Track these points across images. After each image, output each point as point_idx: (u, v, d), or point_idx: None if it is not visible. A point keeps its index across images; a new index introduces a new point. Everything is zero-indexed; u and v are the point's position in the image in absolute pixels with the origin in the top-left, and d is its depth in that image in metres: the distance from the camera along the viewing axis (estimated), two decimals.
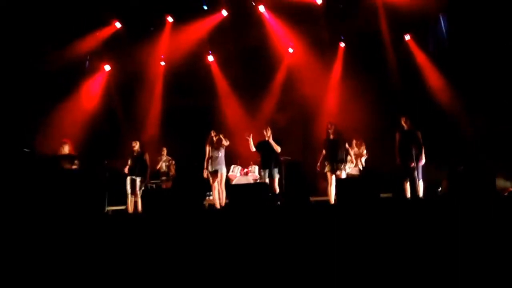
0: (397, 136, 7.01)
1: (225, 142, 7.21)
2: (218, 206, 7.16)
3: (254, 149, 7.31)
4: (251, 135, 7.29)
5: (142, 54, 10.05)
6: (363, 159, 7.95)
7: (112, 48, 10.11)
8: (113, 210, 8.56)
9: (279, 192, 7.26)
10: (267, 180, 7.12)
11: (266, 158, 7.13)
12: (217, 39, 10.16)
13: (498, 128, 7.57)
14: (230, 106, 10.54)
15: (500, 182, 6.76)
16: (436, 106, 9.04)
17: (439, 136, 8.63)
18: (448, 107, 8.85)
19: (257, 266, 4.07)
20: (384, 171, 7.46)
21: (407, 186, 6.93)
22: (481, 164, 7.37)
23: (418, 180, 6.82)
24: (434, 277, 3.49)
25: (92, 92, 10.27)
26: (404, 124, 6.98)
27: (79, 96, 9.89)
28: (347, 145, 7.19)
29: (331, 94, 10.14)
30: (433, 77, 9.40)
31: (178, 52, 10.22)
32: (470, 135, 8.26)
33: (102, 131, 9.82)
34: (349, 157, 7.53)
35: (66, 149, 7.13)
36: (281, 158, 7.59)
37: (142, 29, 9.93)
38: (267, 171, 7.13)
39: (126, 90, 10.50)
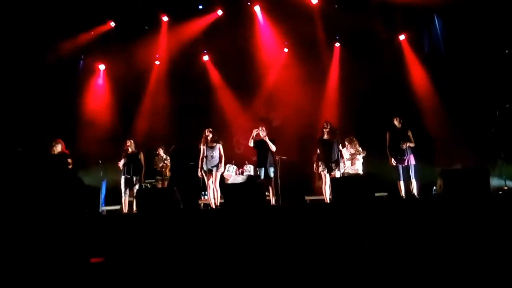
0: (388, 135, 7.10)
1: (218, 144, 7.18)
2: (213, 205, 7.13)
3: (252, 144, 7.20)
4: (259, 130, 7.18)
5: (136, 53, 9.98)
6: (360, 157, 7.92)
7: (107, 47, 10.04)
8: (107, 210, 8.52)
9: (274, 192, 7.25)
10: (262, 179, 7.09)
11: (261, 157, 7.11)
12: (212, 39, 10.12)
13: (491, 127, 7.60)
14: (225, 105, 10.51)
15: (494, 181, 6.80)
16: (429, 106, 9.09)
17: (433, 136, 8.69)
18: (441, 107, 8.90)
19: (252, 264, 4.05)
20: (379, 170, 7.46)
21: (401, 185, 6.97)
22: (475, 163, 7.41)
23: (412, 179, 6.86)
24: (429, 274, 3.50)
25: (89, 91, 10.24)
26: (396, 124, 7.05)
27: (77, 96, 9.85)
28: (340, 147, 7.19)
29: (325, 93, 10.14)
30: (421, 77, 9.45)
31: (173, 51, 10.20)
32: (464, 135, 8.30)
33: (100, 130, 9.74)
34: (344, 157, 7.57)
35: (58, 148, 7.07)
36: (277, 158, 7.57)
37: (137, 28, 9.85)
38: (262, 169, 7.11)
39: (121, 89, 10.43)
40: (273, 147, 7.14)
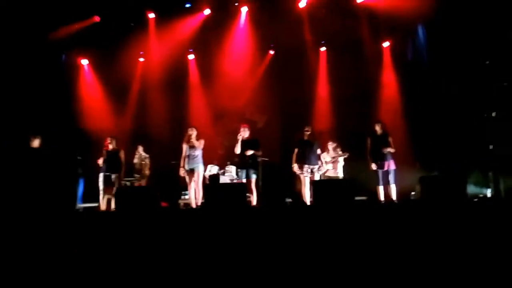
0: (368, 140, 7.20)
1: (198, 144, 7.11)
2: (194, 205, 7.07)
3: (239, 151, 7.06)
4: (242, 130, 7.12)
5: (121, 49, 9.86)
6: (341, 159, 8.01)
7: (91, 43, 9.88)
8: (84, 207, 8.36)
9: (256, 193, 7.23)
10: (244, 181, 7.06)
11: (243, 158, 7.08)
12: (198, 38, 10.07)
13: (470, 135, 7.78)
14: (208, 105, 10.46)
15: (471, 188, 6.96)
16: (409, 113, 9.25)
17: (413, 142, 8.83)
18: (421, 114, 9.06)
19: (232, 266, 4.03)
20: (359, 175, 7.54)
21: (380, 190, 7.06)
22: (452, 170, 7.56)
23: (391, 184, 6.96)
24: (406, 276, 3.54)
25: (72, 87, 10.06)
26: (377, 129, 7.15)
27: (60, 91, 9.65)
28: (319, 151, 7.22)
29: (310, 96, 10.21)
30: (402, 84, 9.63)
31: (159, 49, 10.11)
32: (441, 141, 8.46)
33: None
34: (323, 161, 7.62)
35: (35, 143, 6.92)
36: (259, 160, 7.56)
37: (122, 25, 9.72)
38: (244, 171, 7.08)
39: (105, 85, 10.28)
40: (257, 153, 7.10)
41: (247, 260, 4.21)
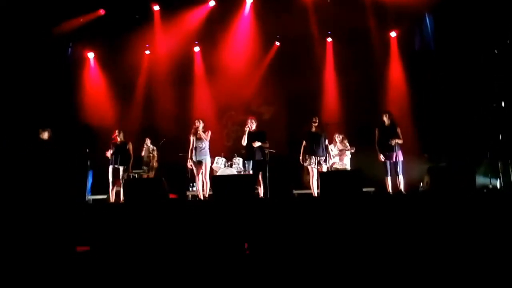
0: (377, 132, 7.14)
1: (205, 136, 7.13)
2: (201, 197, 7.10)
3: (245, 143, 7.07)
4: (249, 122, 7.13)
5: (127, 42, 9.86)
6: (348, 153, 8.00)
7: (96, 35, 9.89)
8: (94, 199, 8.44)
9: (263, 185, 7.24)
10: (251, 172, 7.07)
11: (250, 150, 7.08)
12: (203, 29, 10.03)
13: (478, 125, 7.71)
14: (215, 97, 10.44)
15: (480, 179, 6.91)
16: (417, 103, 9.17)
17: (421, 132, 8.77)
18: (429, 104, 8.99)
19: (239, 257, 4.06)
20: (367, 166, 7.52)
21: (389, 181, 7.03)
22: (461, 160, 7.51)
23: (399, 175, 6.93)
24: (414, 267, 3.54)
25: (78, 79, 10.10)
26: (385, 120, 7.09)
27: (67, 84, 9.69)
28: (326, 142, 7.21)
29: (317, 88, 10.14)
30: (410, 74, 9.53)
31: (164, 41, 10.09)
32: (449, 132, 8.40)
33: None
34: (331, 152, 7.61)
35: (45, 136, 6.98)
36: (266, 151, 7.56)
37: (127, 17, 9.71)
38: (251, 162, 7.08)
39: (111, 78, 10.31)
40: (265, 144, 7.11)
41: (254, 250, 4.23)
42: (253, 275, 3.71)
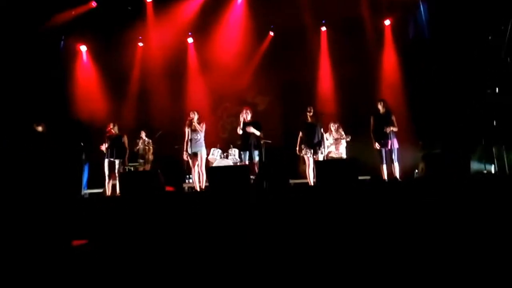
0: (372, 120, 7.17)
1: (199, 128, 7.11)
2: (198, 188, 7.11)
3: (241, 132, 7.13)
4: (244, 113, 7.14)
5: (119, 34, 9.78)
6: (344, 141, 8.03)
7: (89, 28, 9.78)
8: (90, 193, 8.42)
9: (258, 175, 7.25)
10: (247, 162, 7.09)
11: (246, 140, 7.08)
12: (196, 21, 9.94)
13: (473, 111, 7.73)
14: (210, 88, 10.40)
15: (475, 164, 6.96)
16: (411, 91, 9.18)
17: (415, 120, 8.79)
18: (423, 92, 8.99)
19: (237, 248, 4.07)
20: (362, 154, 7.54)
21: (384, 168, 7.07)
22: (456, 147, 7.54)
23: (394, 163, 6.97)
24: (410, 256, 3.56)
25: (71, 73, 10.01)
26: (380, 108, 7.11)
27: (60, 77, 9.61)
28: (322, 130, 7.23)
29: (312, 77, 10.12)
30: (403, 62, 9.53)
31: (157, 33, 10.01)
32: (444, 118, 8.42)
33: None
34: (326, 142, 7.63)
35: (40, 130, 6.95)
36: (261, 141, 7.56)
37: (119, 9, 9.60)
38: (247, 153, 7.10)
39: (104, 71, 10.23)
40: (257, 133, 7.11)
41: (252, 241, 4.24)
42: (250, 266, 3.73)
